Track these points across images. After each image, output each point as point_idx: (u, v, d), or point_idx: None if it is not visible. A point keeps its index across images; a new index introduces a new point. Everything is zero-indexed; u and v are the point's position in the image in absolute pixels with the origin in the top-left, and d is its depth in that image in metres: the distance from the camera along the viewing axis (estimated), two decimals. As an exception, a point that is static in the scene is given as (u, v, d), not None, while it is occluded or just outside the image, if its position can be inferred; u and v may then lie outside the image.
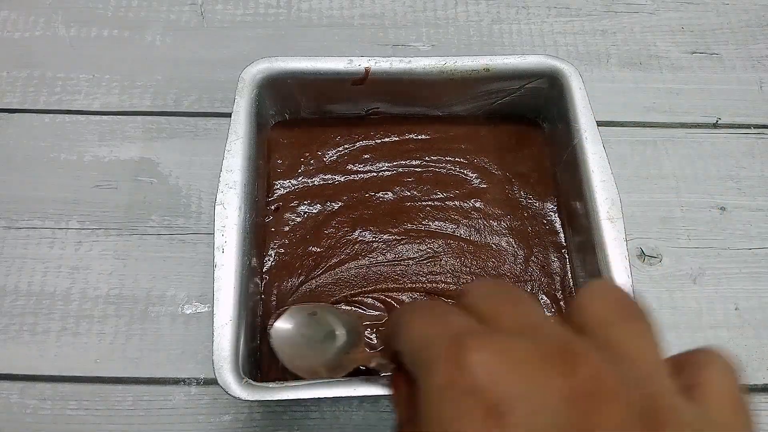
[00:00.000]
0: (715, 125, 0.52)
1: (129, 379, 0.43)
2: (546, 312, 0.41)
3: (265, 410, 0.42)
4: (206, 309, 0.44)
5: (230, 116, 0.40)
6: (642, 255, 0.47)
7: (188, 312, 0.44)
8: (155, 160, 0.50)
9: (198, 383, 0.43)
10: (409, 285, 0.41)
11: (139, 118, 0.52)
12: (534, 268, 0.42)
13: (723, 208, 0.49)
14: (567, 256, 0.42)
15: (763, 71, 0.55)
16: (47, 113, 0.52)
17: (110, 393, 0.42)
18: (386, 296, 0.41)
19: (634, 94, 0.53)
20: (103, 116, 0.52)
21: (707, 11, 0.58)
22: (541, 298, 0.41)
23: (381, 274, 0.42)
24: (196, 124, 0.51)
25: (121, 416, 0.41)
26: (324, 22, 0.56)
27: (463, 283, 0.42)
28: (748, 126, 0.52)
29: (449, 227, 0.43)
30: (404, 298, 0.41)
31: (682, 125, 0.52)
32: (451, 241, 0.43)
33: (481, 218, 0.44)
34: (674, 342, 0.44)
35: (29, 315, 0.44)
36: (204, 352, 0.43)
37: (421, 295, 0.41)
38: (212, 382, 0.42)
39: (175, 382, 0.43)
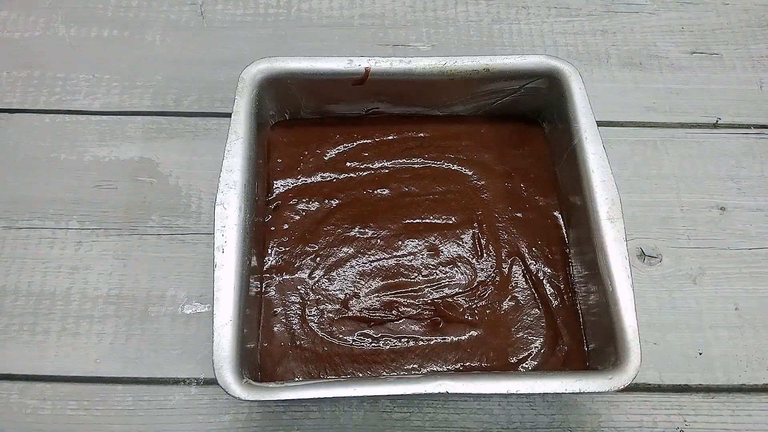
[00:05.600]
0: (715, 125, 0.52)
1: (129, 379, 0.43)
2: None
3: (265, 410, 0.42)
4: (206, 309, 0.44)
5: (230, 116, 0.40)
6: (642, 255, 0.47)
7: (188, 312, 0.44)
8: (155, 160, 0.50)
9: (198, 383, 0.43)
10: (411, 279, 0.41)
11: (139, 118, 0.52)
12: (537, 255, 0.42)
13: (723, 208, 0.49)
14: (567, 252, 0.42)
15: (763, 71, 0.54)
16: (47, 113, 0.52)
17: (110, 393, 0.42)
18: (389, 296, 0.41)
19: (634, 94, 0.53)
20: (103, 116, 0.52)
21: (707, 11, 0.57)
22: (546, 289, 0.41)
23: (381, 270, 0.42)
24: (196, 124, 0.51)
25: (121, 416, 0.41)
26: (324, 22, 0.56)
27: (464, 273, 0.42)
28: (748, 126, 0.52)
29: (449, 219, 0.43)
30: (404, 297, 0.41)
31: (682, 125, 0.52)
32: (449, 232, 0.43)
33: (480, 210, 0.44)
34: (674, 342, 0.44)
35: (29, 315, 0.44)
36: (204, 352, 0.43)
37: (422, 287, 0.41)
38: (212, 382, 0.42)
39: (175, 382, 0.43)
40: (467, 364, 0.39)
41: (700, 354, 0.44)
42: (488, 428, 0.42)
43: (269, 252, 0.42)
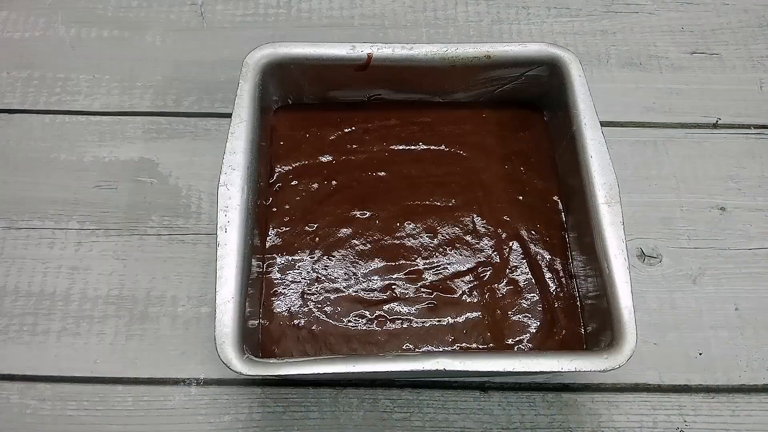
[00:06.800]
0: (715, 125, 0.52)
1: (129, 379, 0.43)
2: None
3: (264, 410, 0.42)
4: (206, 309, 0.44)
5: (230, 117, 0.40)
6: (642, 255, 0.47)
7: (188, 312, 0.44)
8: (155, 161, 0.50)
9: (198, 383, 0.42)
10: (410, 260, 0.42)
11: (139, 118, 0.52)
12: (536, 239, 0.42)
13: (723, 208, 0.49)
14: (566, 236, 0.43)
15: (763, 71, 0.55)
16: (47, 114, 0.52)
17: (110, 393, 0.42)
18: (387, 277, 0.41)
19: (634, 94, 0.53)
20: (103, 117, 0.52)
21: (707, 11, 0.58)
22: (545, 273, 0.41)
23: (380, 252, 0.42)
24: (196, 125, 0.51)
25: (121, 416, 0.41)
26: (324, 22, 0.56)
27: (463, 255, 0.42)
28: (748, 126, 0.52)
29: (448, 202, 0.44)
30: (401, 276, 0.41)
31: (682, 125, 0.52)
32: (448, 214, 0.43)
33: (480, 192, 0.44)
34: (674, 342, 0.44)
35: (29, 315, 0.44)
36: (204, 353, 0.43)
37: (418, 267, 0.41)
38: (212, 382, 0.42)
39: (175, 382, 0.43)
40: (464, 345, 0.39)
41: (700, 354, 0.44)
42: (488, 428, 0.42)
43: (270, 232, 0.42)
